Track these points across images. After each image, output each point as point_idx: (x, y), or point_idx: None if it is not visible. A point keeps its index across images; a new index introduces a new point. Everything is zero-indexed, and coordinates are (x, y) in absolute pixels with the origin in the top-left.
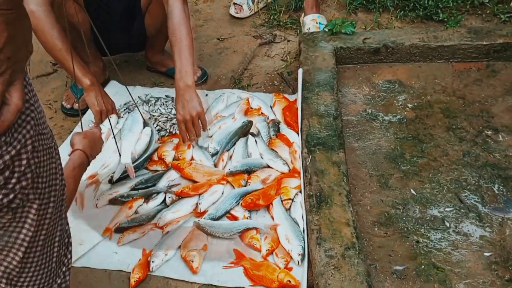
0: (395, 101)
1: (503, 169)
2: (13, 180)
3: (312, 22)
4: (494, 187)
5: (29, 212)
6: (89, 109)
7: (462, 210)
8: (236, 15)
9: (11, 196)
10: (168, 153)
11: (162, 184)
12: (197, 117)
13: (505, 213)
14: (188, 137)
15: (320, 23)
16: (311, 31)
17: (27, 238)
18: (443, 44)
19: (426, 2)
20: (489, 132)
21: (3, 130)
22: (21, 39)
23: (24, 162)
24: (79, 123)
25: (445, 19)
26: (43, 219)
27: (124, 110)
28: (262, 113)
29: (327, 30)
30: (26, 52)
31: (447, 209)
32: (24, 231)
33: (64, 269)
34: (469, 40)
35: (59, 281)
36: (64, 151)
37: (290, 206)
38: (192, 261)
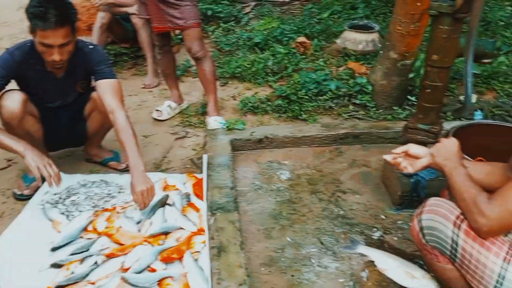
0: (274, 175)
1: (349, 218)
2: None
3: (214, 122)
4: (344, 231)
5: None
6: (35, 194)
7: (323, 250)
8: (157, 118)
9: None
10: (101, 224)
11: (96, 248)
12: (151, 188)
13: (351, 250)
14: (144, 204)
15: (220, 122)
16: (214, 128)
17: None
18: (305, 135)
19: (293, 107)
20: (340, 194)
21: None
22: None
23: None
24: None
25: (307, 118)
26: None
27: (66, 192)
28: (177, 188)
29: (225, 127)
30: None
31: (312, 250)
32: None
33: None
34: (322, 131)
35: None
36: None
37: (198, 257)
38: None
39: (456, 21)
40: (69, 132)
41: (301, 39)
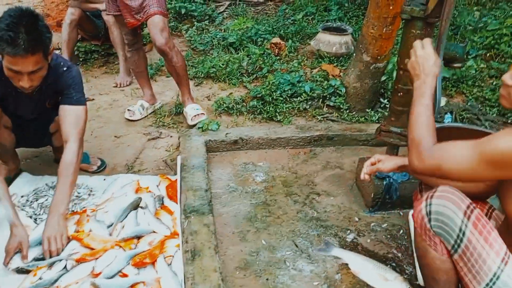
0: (249, 177)
1: (324, 220)
2: None
3: (192, 109)
4: (319, 234)
5: None
6: None
7: (297, 253)
8: (130, 118)
9: None
10: (70, 227)
11: (65, 253)
12: (60, 237)
13: (326, 252)
14: (49, 252)
15: (197, 109)
16: (194, 114)
17: None
18: (280, 136)
19: (268, 108)
20: (314, 196)
21: None
22: None
23: None
24: None
25: (282, 120)
26: None
27: (33, 195)
28: (149, 190)
29: (198, 128)
30: None
31: (287, 253)
32: None
33: None
34: (297, 133)
35: None
36: None
37: (171, 261)
38: None
39: (428, 25)
40: (38, 139)
41: (276, 40)
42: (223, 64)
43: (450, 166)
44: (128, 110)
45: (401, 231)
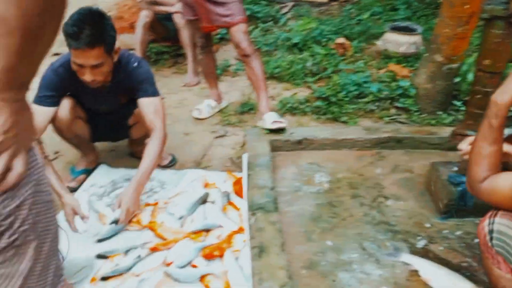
0: (314, 177)
1: (392, 225)
2: (16, 225)
3: (273, 116)
4: (387, 238)
5: (28, 248)
6: (81, 186)
7: (365, 256)
8: (197, 116)
9: (15, 236)
10: (144, 218)
11: (139, 242)
12: (133, 210)
13: (395, 257)
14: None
15: (276, 115)
16: (275, 120)
17: (27, 269)
18: (346, 137)
19: (333, 109)
20: (382, 199)
21: (6, 189)
22: (25, 123)
23: (25, 212)
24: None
25: (347, 121)
26: (40, 254)
27: (111, 185)
28: (217, 186)
29: (265, 129)
30: (30, 133)
31: (354, 255)
32: (24, 262)
33: None
34: (364, 134)
35: None
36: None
37: (238, 256)
38: None
39: (510, 25)
40: (114, 132)
41: (341, 40)
42: (287, 65)
43: (497, 200)
44: (196, 109)
45: (476, 240)
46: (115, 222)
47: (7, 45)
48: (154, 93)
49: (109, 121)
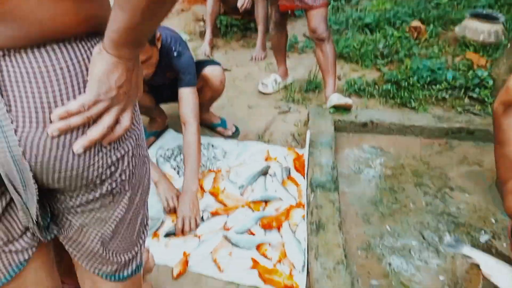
0: (377, 162)
1: (455, 217)
2: (117, 174)
3: (340, 95)
4: (449, 229)
5: (124, 198)
6: (150, 148)
7: (424, 244)
8: (263, 90)
9: (114, 185)
10: (207, 183)
11: (202, 205)
12: (194, 217)
13: (456, 249)
14: (182, 230)
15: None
16: (341, 98)
17: (120, 216)
18: (414, 124)
19: (402, 93)
20: (447, 190)
21: (115, 139)
22: (134, 81)
23: (126, 163)
24: None
25: (416, 107)
26: (132, 204)
27: (178, 150)
28: (278, 160)
29: (330, 108)
30: (137, 91)
31: (413, 242)
32: (118, 210)
33: (141, 241)
34: (433, 122)
35: (136, 249)
36: None
37: (295, 230)
38: (220, 263)
39: None
40: (176, 94)
41: (415, 23)
42: (357, 45)
43: None
44: (262, 83)
45: None
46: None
47: (135, 3)
48: (190, 83)
49: (168, 88)
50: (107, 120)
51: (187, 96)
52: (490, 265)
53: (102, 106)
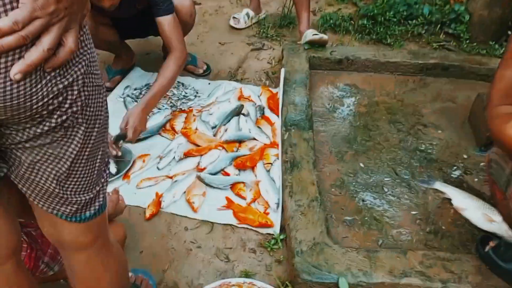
0: (351, 99)
1: (428, 153)
2: (66, 105)
3: (311, 34)
4: (421, 165)
5: (78, 132)
6: (117, 87)
7: (397, 181)
8: (234, 26)
9: (64, 117)
10: (178, 124)
11: (174, 144)
12: (138, 129)
13: (428, 184)
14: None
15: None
16: (315, 33)
17: (74, 152)
18: (389, 60)
19: (378, 29)
20: (420, 127)
21: (58, 66)
22: None
23: (75, 92)
24: None
25: (392, 43)
26: (88, 139)
27: (146, 89)
28: (251, 99)
29: (304, 44)
30: (82, 7)
31: (386, 179)
32: (72, 146)
33: (102, 180)
34: (408, 59)
35: (98, 188)
36: None
37: (269, 169)
38: (194, 203)
39: None
40: (142, 29)
41: None
42: None
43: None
44: (234, 17)
45: None
46: (122, 138)
47: None
48: (169, 10)
49: (134, 20)
50: (46, 41)
51: (170, 23)
52: (462, 200)
53: (40, 24)
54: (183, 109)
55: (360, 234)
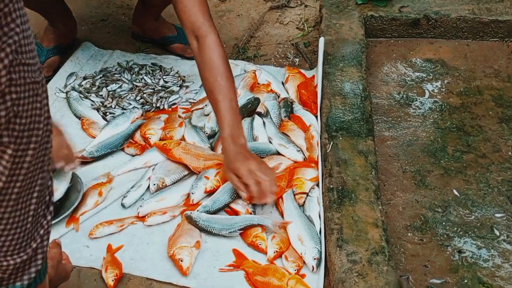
0: (435, 84)
1: None
2: None
3: None
4: None
5: (2, 158)
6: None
7: None
8: None
9: None
10: (155, 132)
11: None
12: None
13: None
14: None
15: None
16: None
17: None
18: (497, 19)
19: None
20: None
21: None
22: None
23: None
24: None
25: None
26: (19, 168)
27: (101, 78)
28: (271, 89)
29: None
30: None
31: (497, 215)
32: None
33: (42, 232)
34: None
35: (34, 245)
36: None
37: (304, 202)
38: (181, 261)
39: None
40: None
41: None
42: None
43: None
44: None
45: None
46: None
47: None
48: None
49: None
50: None
51: None
52: None
53: None
54: (161, 108)
55: None
